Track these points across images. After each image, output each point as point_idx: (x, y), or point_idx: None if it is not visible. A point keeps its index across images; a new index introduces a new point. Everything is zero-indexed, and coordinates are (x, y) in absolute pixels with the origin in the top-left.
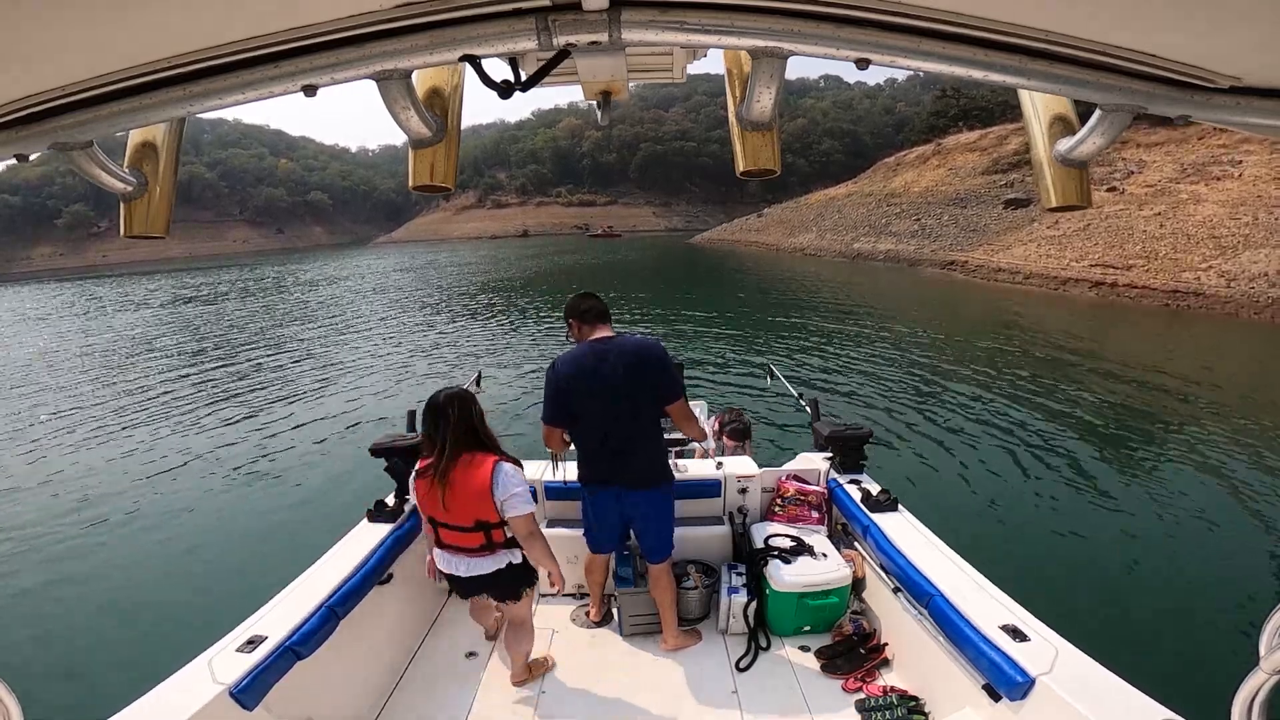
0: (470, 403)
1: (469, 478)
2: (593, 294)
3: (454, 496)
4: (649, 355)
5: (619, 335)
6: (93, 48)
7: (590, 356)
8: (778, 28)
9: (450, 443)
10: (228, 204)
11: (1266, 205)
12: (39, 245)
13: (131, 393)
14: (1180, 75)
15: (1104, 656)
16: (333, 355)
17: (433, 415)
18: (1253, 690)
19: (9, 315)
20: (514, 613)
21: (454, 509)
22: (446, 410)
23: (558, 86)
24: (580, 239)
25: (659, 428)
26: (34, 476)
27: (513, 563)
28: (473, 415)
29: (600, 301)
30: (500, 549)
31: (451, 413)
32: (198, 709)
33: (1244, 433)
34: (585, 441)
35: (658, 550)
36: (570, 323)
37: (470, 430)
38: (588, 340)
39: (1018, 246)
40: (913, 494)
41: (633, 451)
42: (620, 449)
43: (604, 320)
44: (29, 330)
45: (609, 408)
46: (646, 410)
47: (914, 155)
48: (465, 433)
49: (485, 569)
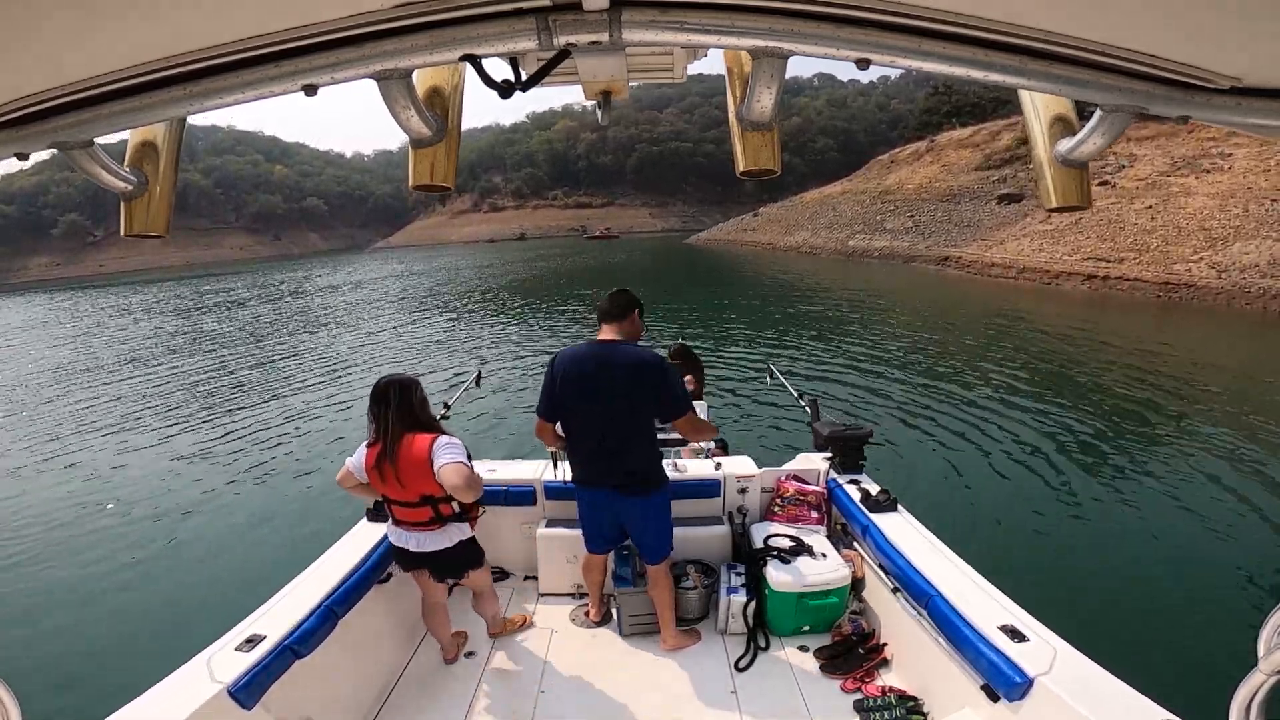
0: (410, 388)
1: (410, 455)
2: (617, 293)
3: (400, 473)
4: (646, 370)
5: (626, 341)
6: (93, 47)
7: (591, 358)
8: (778, 28)
9: (392, 423)
10: (224, 211)
11: (1256, 197)
12: (35, 255)
13: (130, 396)
14: (1180, 76)
15: (1103, 657)
16: (332, 356)
17: (375, 400)
18: (1251, 691)
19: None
20: (474, 584)
21: (401, 485)
22: (387, 394)
23: (558, 86)
24: (578, 241)
25: (654, 432)
26: (33, 477)
27: (462, 540)
28: (413, 399)
29: (616, 303)
30: (450, 524)
31: (392, 397)
32: (196, 708)
33: (1242, 430)
34: (578, 442)
35: (654, 552)
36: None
37: (410, 412)
38: (594, 341)
39: (1011, 241)
40: (912, 494)
41: (626, 455)
42: (614, 450)
43: (614, 321)
44: (28, 337)
45: (604, 409)
46: (637, 419)
47: (908, 152)
48: (405, 415)
49: (436, 545)
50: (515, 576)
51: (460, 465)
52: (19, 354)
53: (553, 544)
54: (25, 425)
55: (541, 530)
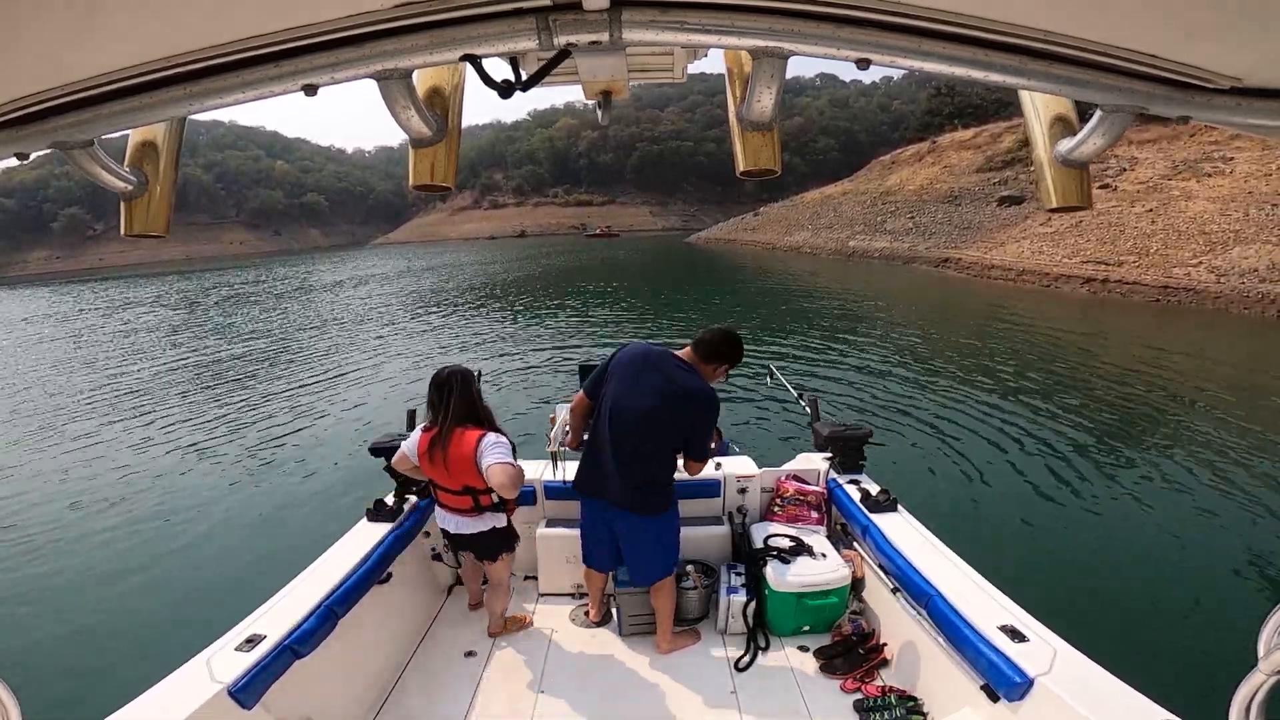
0: (471, 379)
1: (460, 448)
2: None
3: (448, 462)
4: (699, 401)
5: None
6: (93, 47)
7: (655, 363)
8: (778, 28)
9: (451, 412)
10: (224, 206)
11: (1257, 201)
12: (35, 249)
13: (130, 393)
14: (1181, 76)
15: (1102, 657)
16: (332, 356)
17: (437, 387)
18: (1251, 691)
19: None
20: (493, 573)
21: (448, 473)
22: (450, 383)
23: (558, 86)
24: (578, 239)
25: (673, 460)
26: (33, 477)
27: (496, 527)
28: (472, 390)
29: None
30: (486, 512)
31: (455, 384)
32: (196, 708)
33: (1241, 431)
34: (595, 440)
35: (644, 574)
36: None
37: (469, 403)
38: (671, 351)
39: (1011, 244)
40: (912, 494)
41: (637, 470)
42: (627, 461)
43: (701, 357)
44: (28, 332)
45: (639, 416)
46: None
47: (909, 153)
48: (464, 405)
49: (472, 529)
50: (515, 576)
51: (507, 466)
52: (18, 349)
53: (553, 544)
54: (25, 424)
55: (541, 530)
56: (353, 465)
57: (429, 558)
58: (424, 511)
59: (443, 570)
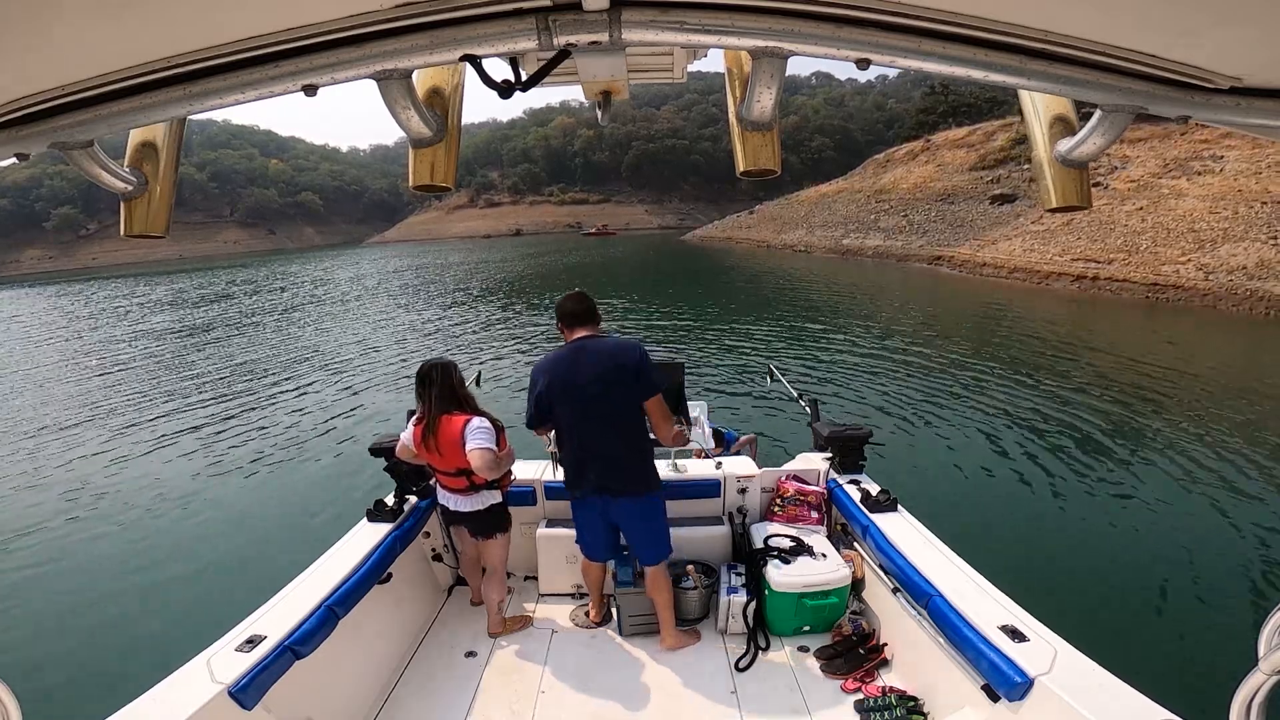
0: (450, 369)
1: (448, 433)
2: (580, 294)
3: (440, 448)
4: (625, 355)
5: (601, 336)
6: (93, 48)
7: (567, 360)
8: (778, 28)
9: (435, 402)
10: (218, 205)
11: (1246, 200)
12: (28, 248)
13: (130, 394)
14: (1180, 75)
15: (1103, 657)
16: (331, 355)
17: (420, 380)
18: (1251, 690)
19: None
20: (489, 556)
21: (441, 457)
22: (431, 375)
23: (558, 86)
24: (574, 237)
25: (643, 431)
26: (33, 477)
27: (493, 505)
28: (452, 379)
29: (583, 302)
30: (482, 490)
31: (435, 376)
32: (197, 708)
33: (1241, 430)
34: (567, 447)
35: (650, 555)
36: (559, 325)
37: (450, 391)
38: (569, 342)
39: (1003, 242)
40: (912, 494)
41: (613, 457)
42: (601, 454)
43: (585, 322)
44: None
45: (586, 409)
46: (626, 413)
47: (903, 152)
48: (446, 394)
49: (469, 507)
50: (515, 577)
51: (484, 451)
52: (16, 349)
53: (553, 544)
54: (25, 425)
55: (541, 530)
56: (353, 466)
57: (429, 558)
58: (424, 512)
59: (443, 570)
